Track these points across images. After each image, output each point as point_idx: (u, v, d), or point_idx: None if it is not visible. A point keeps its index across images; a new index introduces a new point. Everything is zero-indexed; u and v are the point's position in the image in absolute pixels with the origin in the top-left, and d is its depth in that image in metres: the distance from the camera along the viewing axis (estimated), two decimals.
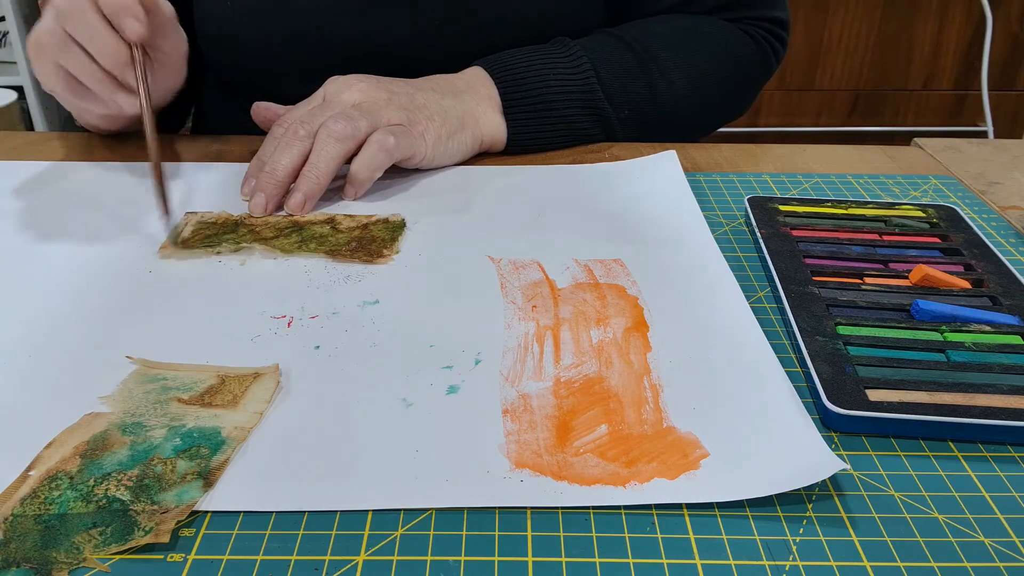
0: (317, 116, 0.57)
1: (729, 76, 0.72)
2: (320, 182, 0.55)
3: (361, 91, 0.59)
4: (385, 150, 0.56)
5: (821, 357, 0.41)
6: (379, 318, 0.45)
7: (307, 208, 0.55)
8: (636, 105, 0.67)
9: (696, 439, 0.37)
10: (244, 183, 0.57)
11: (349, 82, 0.59)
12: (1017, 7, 1.84)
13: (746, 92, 0.76)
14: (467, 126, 0.62)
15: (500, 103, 0.63)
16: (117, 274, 0.49)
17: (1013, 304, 0.45)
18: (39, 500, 0.33)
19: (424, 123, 0.59)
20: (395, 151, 0.56)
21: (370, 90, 0.59)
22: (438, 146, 0.60)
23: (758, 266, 0.51)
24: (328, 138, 0.55)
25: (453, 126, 0.61)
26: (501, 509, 0.33)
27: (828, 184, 0.62)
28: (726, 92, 0.73)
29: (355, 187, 0.57)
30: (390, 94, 0.59)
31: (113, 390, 0.39)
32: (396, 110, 0.58)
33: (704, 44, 0.71)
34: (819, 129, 1.95)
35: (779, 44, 0.75)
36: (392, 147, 0.56)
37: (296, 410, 0.38)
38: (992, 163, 0.65)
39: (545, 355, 0.42)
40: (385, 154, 0.56)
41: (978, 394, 0.38)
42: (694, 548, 0.32)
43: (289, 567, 0.31)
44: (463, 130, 0.61)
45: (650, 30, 0.69)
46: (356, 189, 0.57)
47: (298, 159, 0.55)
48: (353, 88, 0.59)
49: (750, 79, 0.75)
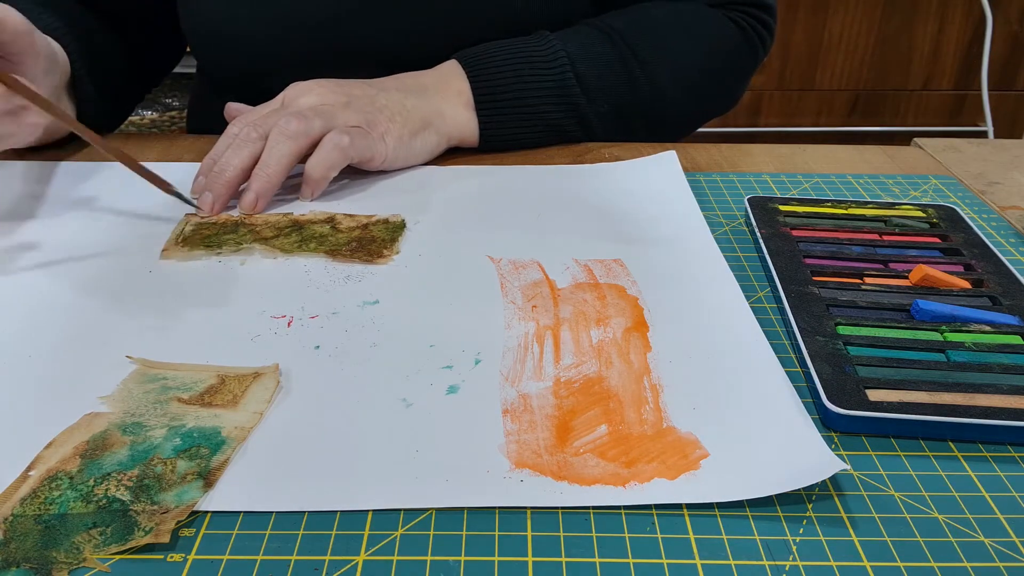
0: (271, 118, 0.56)
1: (714, 68, 0.71)
2: (272, 180, 0.55)
3: (319, 95, 0.58)
4: (339, 149, 0.56)
5: (821, 357, 0.41)
6: (379, 318, 0.45)
7: (260, 207, 0.55)
8: (615, 100, 0.65)
9: (696, 439, 0.37)
10: (195, 181, 0.57)
11: (308, 87, 0.59)
12: (1017, 7, 1.84)
13: (733, 84, 0.74)
14: (431, 124, 0.61)
15: (471, 98, 0.63)
16: (117, 274, 0.49)
17: (1013, 304, 0.45)
18: (39, 500, 0.33)
19: (385, 124, 0.59)
20: (350, 150, 0.56)
21: (328, 94, 0.59)
22: (400, 147, 0.59)
23: (758, 266, 0.51)
24: (280, 136, 0.55)
25: (415, 125, 0.60)
26: (501, 509, 0.33)
27: (828, 184, 0.62)
28: (711, 84, 0.72)
29: (310, 187, 0.56)
30: (349, 97, 0.59)
31: (113, 390, 0.39)
32: (354, 113, 0.58)
33: (688, 34, 0.69)
34: (819, 129, 1.95)
35: (765, 31, 0.73)
36: (347, 146, 0.56)
37: (296, 410, 0.38)
38: (992, 163, 0.65)
39: (545, 355, 0.42)
40: (339, 153, 0.56)
41: (978, 394, 0.38)
42: (694, 548, 0.32)
43: (289, 567, 0.31)
44: (427, 128, 0.61)
45: (633, 20, 0.68)
46: (311, 188, 0.57)
47: (248, 160, 0.55)
48: (311, 92, 0.59)
49: (736, 70, 0.73)
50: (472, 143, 0.64)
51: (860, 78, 1.91)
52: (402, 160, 0.61)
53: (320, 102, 0.58)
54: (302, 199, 0.57)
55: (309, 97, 0.58)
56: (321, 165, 0.56)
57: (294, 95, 0.59)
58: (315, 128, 0.55)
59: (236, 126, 0.58)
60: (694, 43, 0.70)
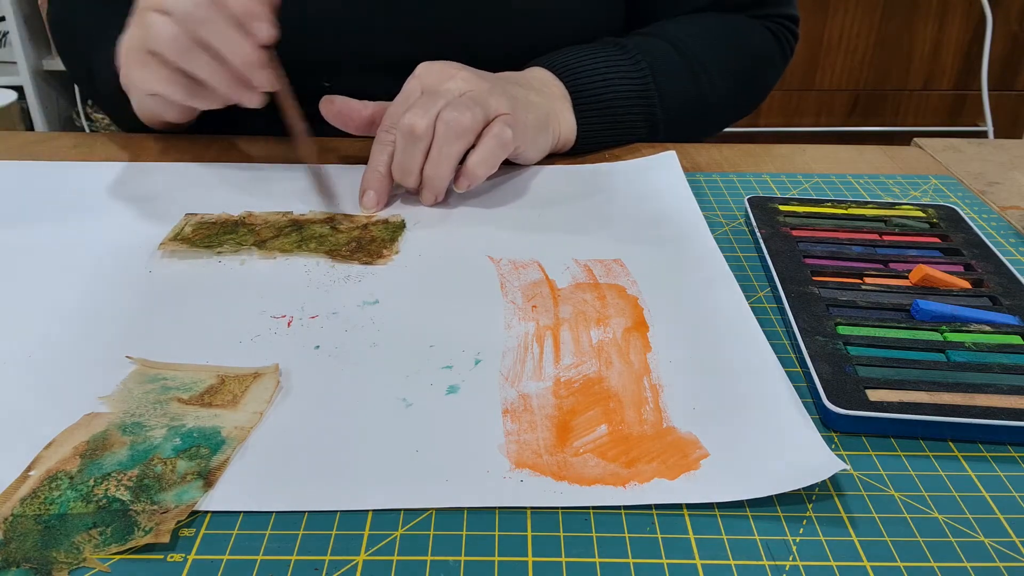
0: (430, 108, 0.54)
1: (757, 75, 0.73)
2: (446, 181, 0.55)
3: (464, 80, 0.57)
4: (503, 145, 0.55)
5: (821, 357, 0.41)
6: (379, 318, 0.45)
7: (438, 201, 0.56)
8: (682, 108, 0.67)
9: (696, 439, 0.37)
10: (364, 194, 0.56)
11: (448, 71, 0.57)
12: (1017, 7, 1.84)
13: (765, 90, 0.77)
14: (549, 123, 0.61)
15: (571, 102, 0.62)
16: (117, 274, 0.49)
17: (1013, 304, 0.45)
18: (39, 500, 0.33)
19: (523, 115, 0.57)
20: (510, 145, 0.55)
21: (471, 78, 0.57)
22: (531, 143, 0.59)
23: (758, 266, 0.51)
24: (451, 135, 0.53)
25: (541, 122, 0.60)
26: (501, 509, 0.33)
27: (828, 184, 0.62)
28: (753, 90, 0.74)
29: (469, 180, 0.55)
30: (490, 83, 0.57)
31: (113, 390, 0.39)
32: (499, 98, 0.56)
33: (738, 44, 0.71)
34: (819, 129, 1.95)
35: (794, 41, 0.76)
36: (508, 141, 0.55)
37: (296, 410, 0.38)
38: (992, 163, 0.65)
39: (545, 355, 0.42)
40: (503, 149, 0.55)
41: (978, 394, 0.38)
42: (694, 548, 0.32)
43: (289, 567, 0.31)
44: (546, 127, 0.60)
45: (692, 31, 0.69)
46: (470, 182, 0.55)
47: (425, 155, 0.54)
48: (455, 77, 0.57)
49: (769, 76, 0.76)
50: (568, 147, 0.64)
51: (860, 78, 1.91)
52: (526, 155, 0.60)
53: (467, 88, 0.56)
54: (458, 190, 0.56)
55: (455, 82, 0.56)
56: (486, 163, 0.55)
57: (437, 79, 0.57)
58: (479, 122, 0.54)
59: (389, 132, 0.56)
60: (742, 53, 0.71)
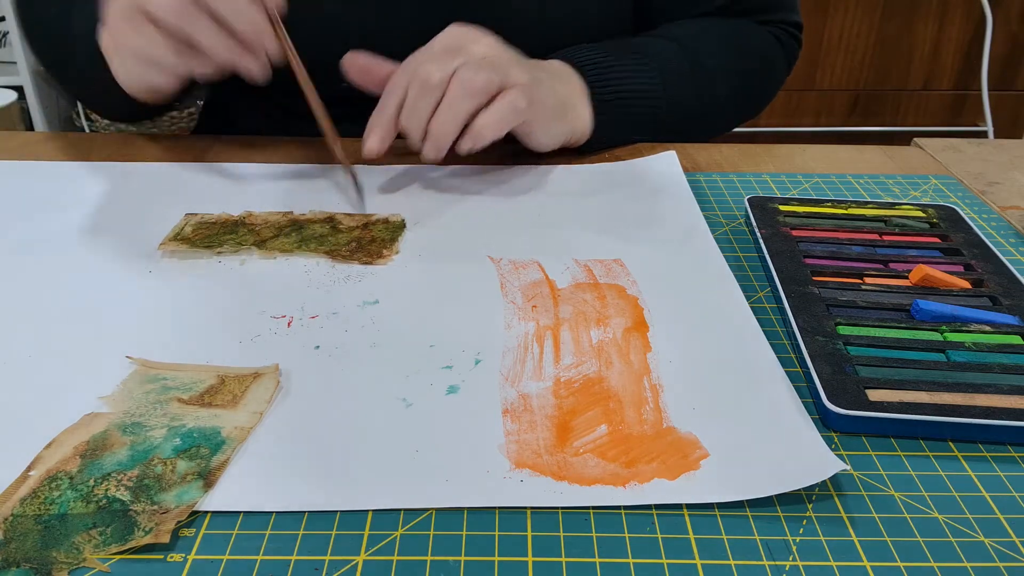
0: (448, 63, 0.53)
1: (760, 81, 0.73)
2: (451, 138, 0.53)
3: (489, 45, 0.56)
4: (516, 111, 0.54)
5: (821, 357, 0.41)
6: (379, 318, 0.45)
7: (439, 159, 0.54)
8: (689, 111, 0.66)
9: (696, 439, 0.37)
10: (368, 137, 0.54)
11: (475, 34, 0.56)
12: (1017, 7, 1.84)
13: (768, 96, 0.77)
14: (567, 113, 0.60)
15: (590, 98, 0.62)
16: (117, 274, 0.49)
17: (1013, 304, 0.45)
18: (39, 500, 0.33)
19: (542, 95, 0.56)
20: (522, 115, 0.54)
21: (497, 47, 0.56)
22: (545, 126, 0.58)
23: (758, 266, 0.51)
24: (463, 91, 0.52)
25: (559, 110, 0.59)
26: (501, 509, 0.33)
27: (828, 184, 0.62)
28: (756, 96, 0.74)
29: (474, 141, 0.54)
30: (515, 57, 0.56)
31: (113, 390, 0.39)
32: (521, 72, 0.55)
33: (744, 49, 0.71)
34: (819, 129, 1.95)
35: (797, 47, 0.77)
36: (522, 110, 0.54)
37: (296, 410, 0.38)
38: (992, 163, 0.65)
39: (545, 355, 0.42)
40: (515, 115, 0.54)
41: (978, 394, 0.38)
42: (694, 548, 0.32)
43: (289, 567, 0.31)
44: (565, 117, 0.59)
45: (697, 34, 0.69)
46: (475, 144, 0.54)
47: (434, 108, 0.53)
48: (481, 41, 0.55)
49: (773, 83, 0.76)
50: (576, 143, 0.62)
51: (860, 78, 1.91)
52: (537, 141, 0.59)
53: (491, 53, 0.55)
54: (459, 151, 0.54)
55: (479, 46, 0.55)
56: (496, 125, 0.53)
57: (463, 41, 0.55)
58: (495, 85, 0.53)
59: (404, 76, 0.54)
60: (748, 57, 0.71)
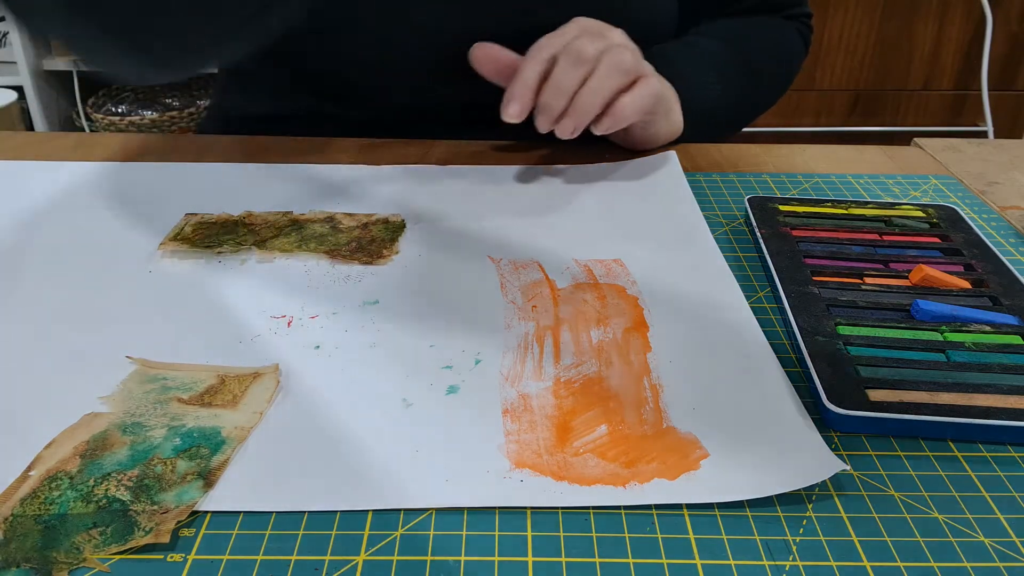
0: (597, 42, 0.53)
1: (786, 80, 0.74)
2: (593, 113, 0.53)
3: (622, 35, 0.56)
4: (654, 96, 0.54)
5: (821, 357, 0.41)
6: (379, 318, 0.45)
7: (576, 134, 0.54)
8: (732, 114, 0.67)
9: (696, 439, 0.37)
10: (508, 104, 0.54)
11: (605, 24, 0.56)
12: (1017, 7, 1.84)
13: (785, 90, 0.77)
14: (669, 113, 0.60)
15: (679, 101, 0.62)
16: (117, 274, 0.49)
17: (1013, 304, 0.45)
18: (39, 500, 0.33)
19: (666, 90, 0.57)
20: (657, 101, 0.54)
21: (627, 37, 0.56)
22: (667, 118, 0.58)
23: (758, 266, 0.51)
24: (613, 68, 0.52)
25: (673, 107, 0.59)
26: (501, 509, 0.33)
27: (828, 184, 0.62)
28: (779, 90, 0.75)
29: (615, 121, 0.53)
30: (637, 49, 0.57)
31: (113, 390, 0.39)
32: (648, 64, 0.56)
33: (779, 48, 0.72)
34: (819, 129, 1.95)
35: (811, 36, 0.77)
36: (658, 93, 0.54)
37: (296, 410, 0.38)
38: (992, 163, 0.65)
39: (545, 355, 0.42)
40: (652, 100, 0.54)
41: (978, 394, 0.38)
42: (694, 548, 0.32)
43: (289, 567, 0.31)
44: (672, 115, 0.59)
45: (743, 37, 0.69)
46: (614, 123, 0.54)
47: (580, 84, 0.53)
48: (615, 30, 0.56)
49: (794, 75, 0.77)
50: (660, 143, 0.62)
51: (860, 78, 1.91)
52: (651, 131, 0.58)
53: (626, 43, 0.55)
54: (596, 130, 0.54)
55: (615, 35, 0.55)
56: (636, 106, 0.54)
57: (600, 28, 0.55)
58: (639, 69, 0.53)
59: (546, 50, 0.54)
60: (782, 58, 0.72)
